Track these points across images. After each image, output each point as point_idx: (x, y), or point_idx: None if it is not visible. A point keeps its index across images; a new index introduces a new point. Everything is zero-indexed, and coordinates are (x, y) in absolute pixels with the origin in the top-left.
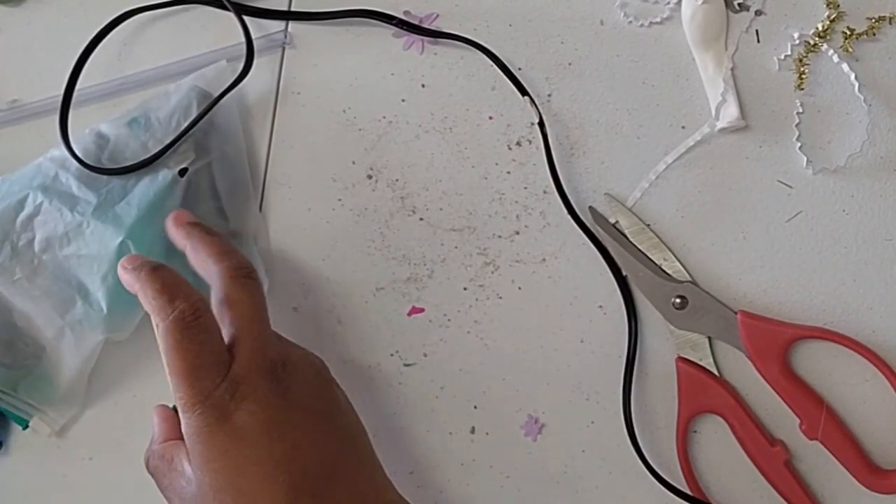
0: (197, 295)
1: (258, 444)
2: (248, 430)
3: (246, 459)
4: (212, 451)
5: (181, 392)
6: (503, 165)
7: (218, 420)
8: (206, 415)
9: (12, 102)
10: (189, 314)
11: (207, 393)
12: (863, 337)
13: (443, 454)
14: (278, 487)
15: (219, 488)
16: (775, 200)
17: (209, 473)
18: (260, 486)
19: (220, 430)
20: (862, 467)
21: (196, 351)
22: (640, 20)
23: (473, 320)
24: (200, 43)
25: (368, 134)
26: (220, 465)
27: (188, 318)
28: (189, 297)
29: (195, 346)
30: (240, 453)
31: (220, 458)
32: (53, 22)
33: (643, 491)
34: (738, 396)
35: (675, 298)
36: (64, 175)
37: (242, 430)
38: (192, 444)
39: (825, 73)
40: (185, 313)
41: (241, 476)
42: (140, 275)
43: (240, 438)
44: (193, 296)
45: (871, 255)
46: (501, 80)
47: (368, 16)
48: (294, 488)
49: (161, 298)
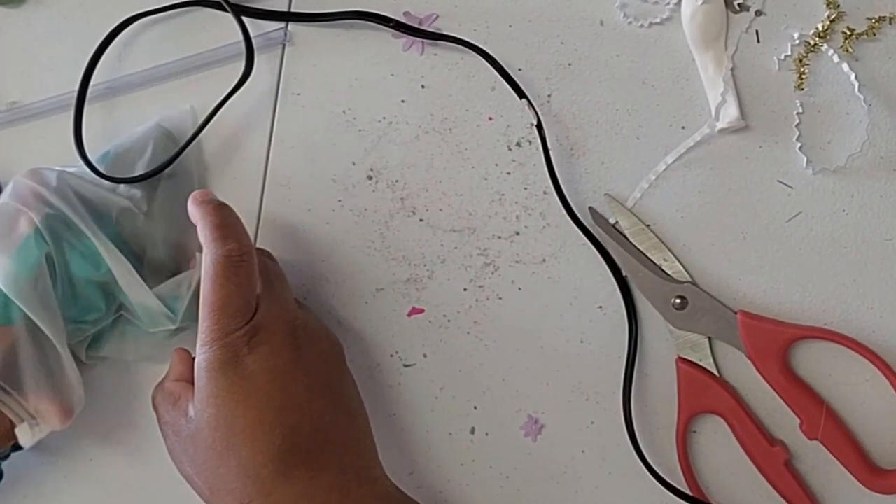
0: (249, 241)
1: (261, 391)
2: (256, 374)
3: (247, 402)
4: (217, 388)
5: (207, 324)
6: (503, 166)
7: (231, 359)
8: (221, 351)
9: (12, 104)
10: (236, 255)
11: (229, 331)
12: (863, 337)
13: (443, 454)
14: (272, 437)
15: (215, 426)
16: (775, 200)
17: (210, 409)
18: (253, 431)
19: (231, 369)
20: (862, 467)
21: (231, 290)
22: (640, 20)
23: (473, 321)
24: (200, 43)
25: (368, 134)
26: (221, 402)
27: (234, 258)
28: (241, 240)
29: (232, 286)
30: (243, 395)
31: (224, 396)
32: (53, 23)
33: (643, 491)
34: (738, 396)
35: (675, 299)
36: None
37: (251, 373)
38: (201, 377)
39: (825, 73)
40: (233, 253)
41: (240, 417)
42: (205, 207)
43: (247, 381)
44: (245, 240)
45: (871, 255)
46: (501, 81)
47: (366, 18)
48: (286, 441)
49: (217, 233)
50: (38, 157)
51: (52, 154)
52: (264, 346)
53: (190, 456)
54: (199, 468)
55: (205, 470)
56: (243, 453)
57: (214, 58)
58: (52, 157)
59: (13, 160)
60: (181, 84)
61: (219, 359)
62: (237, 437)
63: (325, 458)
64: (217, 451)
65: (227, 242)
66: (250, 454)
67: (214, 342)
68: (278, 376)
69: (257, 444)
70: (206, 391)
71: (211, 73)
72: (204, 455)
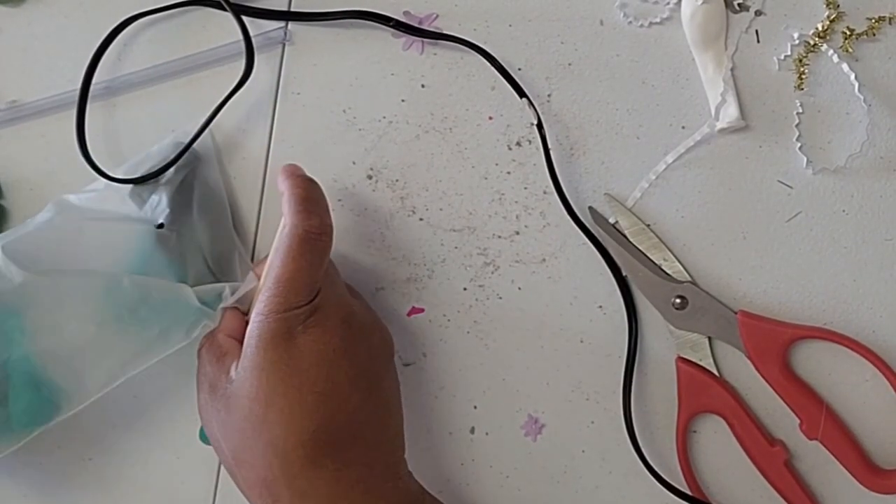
0: (330, 221)
1: (307, 373)
2: (305, 356)
3: (290, 381)
4: (265, 360)
5: (270, 294)
6: (503, 166)
7: (284, 335)
8: (277, 324)
9: (12, 103)
10: (315, 232)
11: (289, 306)
12: (863, 337)
13: (443, 454)
14: (308, 421)
15: (254, 397)
16: (775, 200)
17: (252, 379)
18: (291, 411)
19: (282, 344)
20: (862, 467)
21: (303, 267)
22: (640, 20)
23: (473, 320)
24: (200, 43)
25: (368, 134)
26: (265, 375)
27: (313, 235)
28: (323, 218)
29: (304, 263)
30: (288, 373)
31: (269, 370)
32: (53, 22)
33: (643, 491)
34: (738, 396)
35: (675, 298)
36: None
37: (300, 353)
38: (250, 346)
39: (825, 73)
40: (314, 229)
41: (280, 395)
42: (294, 180)
43: (294, 360)
44: (327, 219)
45: (871, 255)
46: (501, 81)
47: (366, 17)
48: (320, 428)
49: (301, 205)
50: (38, 157)
51: (52, 153)
52: (318, 329)
53: (221, 419)
54: (228, 434)
55: (234, 437)
56: (276, 431)
57: (214, 57)
58: (52, 157)
59: (13, 160)
60: (181, 83)
61: (272, 331)
62: (274, 413)
63: (354, 451)
64: (251, 423)
65: (311, 217)
66: (283, 434)
67: (272, 314)
68: (325, 362)
69: (293, 425)
70: (253, 360)
71: (211, 72)
72: (236, 423)
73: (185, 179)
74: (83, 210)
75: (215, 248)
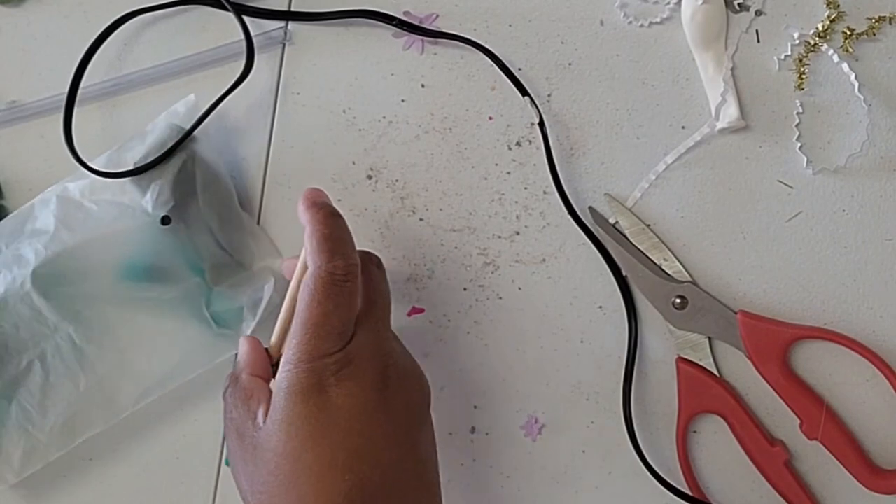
0: (355, 259)
1: (339, 429)
2: (338, 410)
3: (322, 438)
4: (294, 414)
5: (297, 341)
6: (503, 166)
7: (315, 386)
8: (306, 375)
9: (11, 103)
10: (341, 274)
11: (320, 355)
12: (863, 337)
13: (443, 454)
14: (340, 482)
15: (282, 453)
16: (775, 200)
17: (281, 434)
18: (321, 470)
19: (313, 398)
20: (862, 467)
21: (330, 312)
22: (640, 20)
23: (473, 320)
24: (200, 42)
25: (368, 134)
26: (295, 430)
27: (338, 277)
28: (348, 258)
29: (331, 307)
30: (319, 428)
31: (299, 424)
32: (53, 22)
33: (643, 491)
34: (738, 396)
35: (675, 298)
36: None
37: (333, 407)
38: (280, 397)
39: (825, 73)
40: (338, 270)
41: (310, 451)
42: (315, 214)
43: (326, 414)
44: (351, 259)
45: (871, 255)
46: (501, 81)
47: (368, 16)
48: (353, 489)
49: (324, 246)
50: (38, 157)
51: (52, 153)
52: (352, 382)
53: (249, 471)
54: (255, 488)
55: (260, 492)
56: (306, 490)
57: (215, 56)
58: (52, 157)
59: (13, 160)
60: (182, 83)
61: (302, 383)
62: (303, 471)
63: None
64: (278, 480)
65: (334, 258)
66: (313, 494)
67: (301, 363)
68: (360, 417)
69: (324, 485)
70: (282, 414)
71: (211, 71)
72: (263, 477)
73: (184, 165)
74: (87, 209)
75: (225, 227)
